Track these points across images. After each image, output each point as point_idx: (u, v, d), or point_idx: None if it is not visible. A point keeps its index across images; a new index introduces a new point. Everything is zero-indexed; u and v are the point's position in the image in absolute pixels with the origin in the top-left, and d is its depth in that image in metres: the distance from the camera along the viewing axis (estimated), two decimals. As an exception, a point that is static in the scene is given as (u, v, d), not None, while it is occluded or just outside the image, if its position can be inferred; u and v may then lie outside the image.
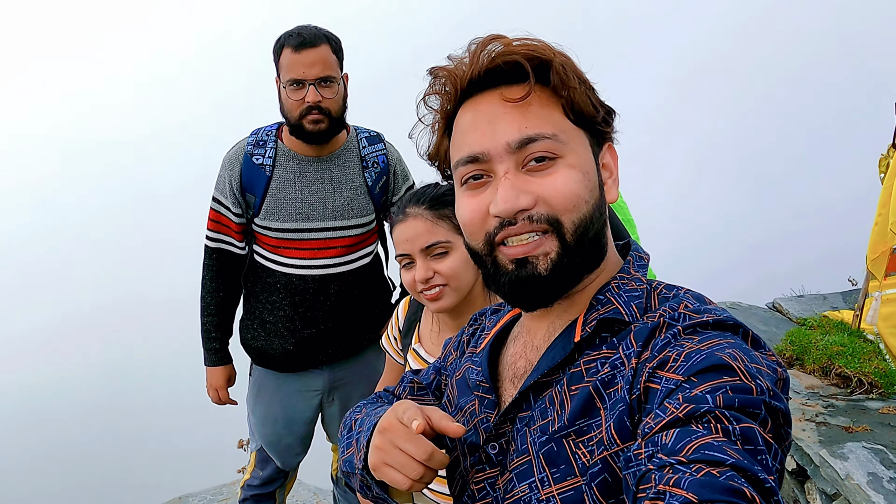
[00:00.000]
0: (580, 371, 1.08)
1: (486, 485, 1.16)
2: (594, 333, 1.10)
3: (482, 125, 1.09)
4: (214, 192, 2.96)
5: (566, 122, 1.09)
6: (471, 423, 1.23)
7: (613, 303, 1.11)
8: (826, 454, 3.22)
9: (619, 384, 1.02)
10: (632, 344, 1.04)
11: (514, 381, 1.20)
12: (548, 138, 1.06)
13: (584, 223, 1.07)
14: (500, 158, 1.07)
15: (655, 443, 0.86)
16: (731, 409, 0.86)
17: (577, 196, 1.07)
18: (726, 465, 0.78)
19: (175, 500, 5.11)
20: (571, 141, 1.09)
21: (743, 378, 0.89)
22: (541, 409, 1.10)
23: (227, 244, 2.98)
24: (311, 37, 2.69)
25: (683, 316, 1.04)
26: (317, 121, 2.74)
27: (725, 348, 0.94)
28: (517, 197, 1.05)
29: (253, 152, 2.87)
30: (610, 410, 1.01)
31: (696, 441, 0.82)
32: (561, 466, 1.03)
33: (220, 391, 3.17)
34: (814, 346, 4.07)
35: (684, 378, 0.92)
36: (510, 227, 1.07)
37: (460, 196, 1.15)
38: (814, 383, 3.90)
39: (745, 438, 0.83)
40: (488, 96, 1.10)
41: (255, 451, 3.30)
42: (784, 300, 5.00)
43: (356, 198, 2.92)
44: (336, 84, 2.75)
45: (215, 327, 3.08)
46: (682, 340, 0.99)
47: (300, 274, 2.93)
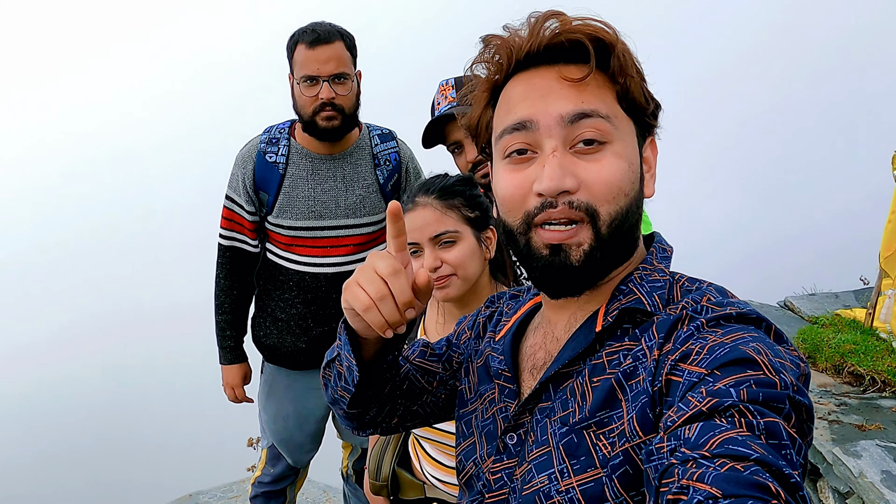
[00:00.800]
0: (602, 363, 1.07)
1: (504, 475, 1.15)
2: (616, 323, 1.09)
3: (534, 97, 1.06)
4: (227, 191, 2.96)
5: (618, 108, 1.07)
6: (490, 412, 1.23)
7: (636, 293, 1.10)
8: (839, 452, 3.20)
9: (641, 376, 1.01)
10: (654, 335, 1.03)
11: (534, 373, 1.19)
12: (602, 117, 1.04)
13: (620, 216, 1.06)
14: (549, 131, 1.05)
15: (678, 436, 0.85)
16: (756, 403, 0.85)
17: (618, 188, 1.05)
18: (750, 459, 0.77)
19: (185, 497, 5.13)
20: (622, 128, 1.07)
21: (767, 372, 0.88)
22: (561, 401, 1.09)
23: (241, 242, 2.99)
24: (325, 33, 2.69)
25: (706, 309, 1.03)
26: (330, 117, 2.74)
27: (749, 342, 0.93)
28: (563, 177, 1.03)
29: (266, 150, 2.88)
30: (632, 402, 1.00)
31: (719, 435, 0.81)
32: (581, 458, 1.03)
33: (237, 389, 3.18)
34: (826, 344, 4.05)
35: (707, 371, 0.91)
36: (551, 209, 1.04)
37: (500, 169, 1.11)
38: (826, 381, 3.88)
39: (769, 433, 0.82)
40: (544, 72, 1.07)
41: (266, 449, 3.31)
42: (796, 298, 4.97)
43: (368, 196, 2.92)
44: (350, 81, 2.75)
45: (229, 325, 3.09)
46: (705, 333, 0.98)
47: (312, 272, 2.93)
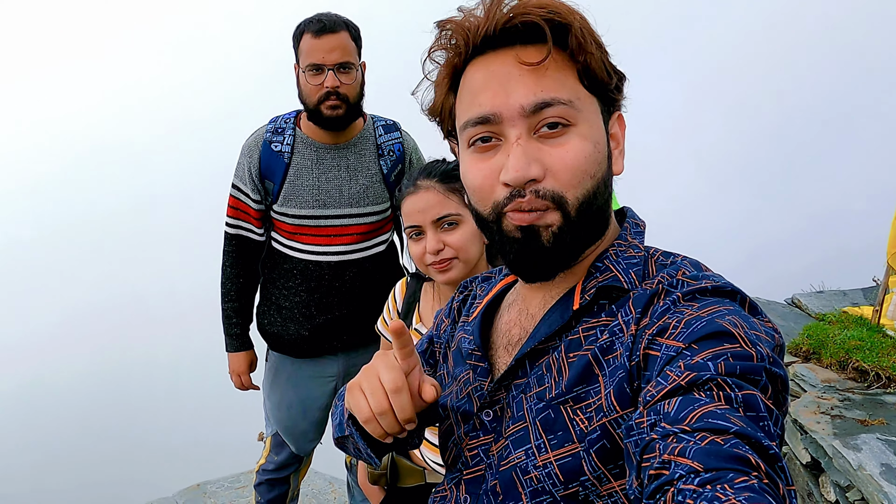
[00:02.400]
0: (578, 338, 1.07)
1: (480, 451, 1.16)
2: (592, 301, 1.09)
3: (494, 86, 1.04)
4: (234, 180, 3.00)
5: (581, 87, 1.05)
6: (464, 392, 1.23)
7: (612, 270, 1.10)
8: (839, 445, 3.21)
9: (618, 351, 1.02)
10: (630, 311, 1.04)
11: (509, 349, 1.19)
12: (563, 104, 1.03)
13: (587, 198, 1.05)
14: (512, 122, 1.03)
15: (658, 411, 0.86)
16: (733, 375, 0.86)
17: (583, 171, 1.04)
18: (730, 432, 0.78)
19: (194, 487, 5.17)
20: (585, 109, 1.06)
21: (743, 344, 0.89)
22: (537, 376, 1.09)
23: (246, 231, 3.03)
24: (330, 23, 2.72)
25: (682, 283, 1.04)
26: (334, 106, 2.77)
27: (725, 315, 0.94)
28: (528, 165, 1.02)
29: (271, 139, 2.91)
30: (609, 377, 1.01)
31: (699, 409, 0.82)
32: (558, 433, 1.03)
33: (243, 376, 3.22)
34: (831, 340, 4.05)
35: (685, 345, 0.92)
36: (520, 198, 1.03)
37: (466, 158, 1.11)
38: (830, 377, 3.88)
39: (747, 405, 0.83)
40: (502, 56, 1.05)
41: (270, 437, 3.34)
42: (803, 296, 4.97)
43: (372, 185, 2.95)
44: (354, 70, 2.78)
45: (235, 313, 3.13)
46: (682, 307, 0.98)
47: (316, 260, 2.97)
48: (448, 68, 1.11)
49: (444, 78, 1.13)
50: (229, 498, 4.99)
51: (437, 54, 1.11)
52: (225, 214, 3.04)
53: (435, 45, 1.11)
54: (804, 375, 3.88)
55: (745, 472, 0.74)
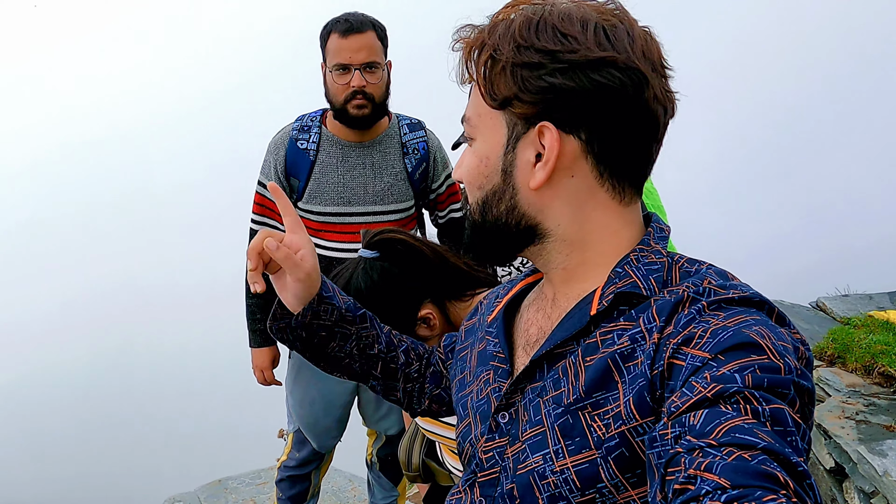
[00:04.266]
0: (595, 342, 1.06)
1: (495, 454, 1.16)
2: (610, 307, 1.08)
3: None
4: (260, 176, 3.03)
5: (483, 105, 1.11)
6: (484, 392, 1.23)
7: (632, 276, 1.08)
8: (864, 451, 3.18)
9: (639, 358, 1.00)
10: (654, 318, 1.02)
11: (527, 349, 1.20)
12: (467, 121, 1.16)
13: (481, 206, 1.16)
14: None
15: (683, 423, 0.85)
16: (760, 389, 0.84)
17: (469, 183, 1.17)
18: (758, 448, 0.77)
19: (215, 483, 5.21)
20: (482, 125, 1.13)
21: (771, 356, 0.88)
22: (553, 380, 1.09)
23: (272, 227, 3.05)
24: (357, 23, 2.75)
25: (708, 291, 1.02)
26: (361, 105, 2.79)
27: (752, 325, 0.92)
28: (457, 168, 1.20)
29: (298, 137, 2.94)
30: (629, 385, 1.00)
31: (726, 423, 0.80)
32: (576, 439, 1.03)
33: (266, 371, 3.24)
34: (857, 344, 4.01)
35: (711, 356, 0.90)
36: None
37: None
38: (855, 381, 3.84)
39: (774, 420, 0.81)
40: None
41: (292, 433, 3.36)
42: (828, 299, 4.91)
43: (396, 183, 2.97)
44: (380, 70, 2.80)
45: (259, 308, 3.14)
46: (708, 316, 0.97)
47: (340, 258, 2.98)
48: None
49: None
50: (250, 494, 5.03)
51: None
52: (250, 211, 3.07)
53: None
54: (829, 380, 3.85)
55: (773, 489, 0.73)
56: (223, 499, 5.00)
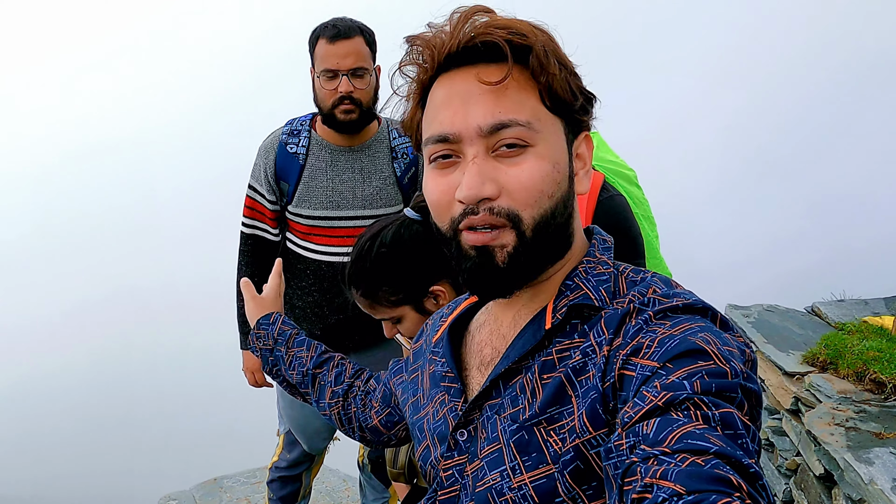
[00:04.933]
0: (552, 360, 1.07)
1: (455, 471, 1.16)
2: (564, 320, 1.09)
3: (455, 104, 1.05)
4: (250, 180, 3.04)
5: (542, 108, 1.06)
6: (440, 413, 1.23)
7: (583, 287, 1.10)
8: (851, 458, 3.18)
9: (590, 372, 1.02)
10: (603, 331, 1.04)
11: (482, 369, 1.20)
12: (521, 125, 1.03)
13: (544, 218, 1.05)
14: (470, 141, 1.04)
15: (636, 433, 0.86)
16: (709, 394, 0.86)
17: (539, 191, 1.04)
18: (710, 453, 0.78)
19: (210, 481, 5.24)
20: (545, 129, 1.05)
21: (718, 362, 0.90)
22: (511, 397, 1.10)
23: (262, 230, 3.07)
24: (345, 28, 2.75)
25: (653, 301, 1.03)
26: (348, 111, 2.79)
27: (697, 332, 0.94)
28: (482, 184, 1.03)
29: (287, 141, 2.95)
30: (582, 398, 1.01)
31: (678, 430, 0.82)
32: (532, 454, 1.04)
33: (256, 374, 3.25)
34: (849, 350, 4.00)
35: (659, 364, 0.92)
36: (473, 216, 1.04)
37: (428, 174, 1.12)
38: (846, 388, 3.83)
39: (724, 423, 0.83)
40: (464, 73, 1.06)
41: (283, 434, 3.38)
42: (823, 304, 4.91)
43: (385, 188, 2.98)
44: (368, 75, 2.81)
45: None
46: (654, 326, 0.99)
47: (329, 261, 3.00)
48: (417, 83, 1.13)
49: (414, 93, 1.14)
50: (245, 492, 5.05)
51: (408, 69, 1.13)
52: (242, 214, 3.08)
53: (404, 59, 1.12)
54: (820, 386, 3.85)
55: (727, 493, 0.74)
56: (218, 497, 5.03)
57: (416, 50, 1.10)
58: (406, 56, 1.11)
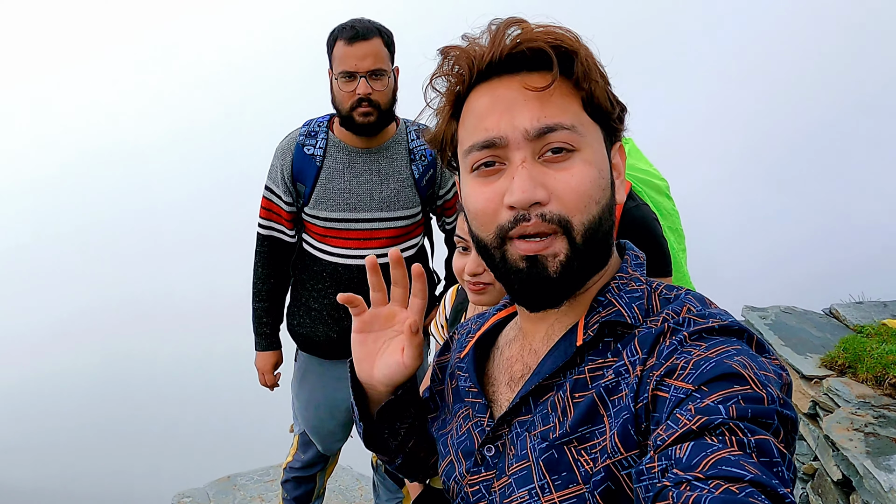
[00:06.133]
0: (585, 378, 1.05)
1: (482, 487, 1.15)
2: (597, 337, 1.07)
3: (500, 110, 1.04)
4: (267, 181, 3.03)
5: (584, 115, 1.05)
6: (464, 428, 1.22)
7: (615, 304, 1.08)
8: (870, 465, 3.14)
9: (623, 392, 1.00)
10: (636, 350, 1.02)
11: (511, 385, 1.18)
12: (567, 129, 1.02)
13: (593, 224, 1.04)
14: (517, 145, 1.03)
15: (669, 456, 0.85)
16: (745, 420, 0.84)
17: (589, 196, 1.03)
18: (745, 480, 0.77)
19: (224, 479, 5.25)
20: (588, 135, 1.05)
21: (754, 386, 0.88)
22: (542, 415, 1.08)
23: (278, 232, 3.06)
24: (363, 30, 2.73)
25: (688, 321, 1.01)
26: (366, 113, 2.78)
27: (734, 355, 0.92)
28: (534, 188, 1.01)
29: (304, 142, 2.94)
30: (614, 419, 0.99)
31: (712, 456, 0.81)
32: (563, 473, 1.02)
33: (267, 375, 3.26)
34: (868, 354, 3.96)
35: (694, 387, 0.90)
36: (525, 223, 1.02)
37: (469, 183, 1.09)
38: (865, 392, 3.80)
39: (760, 451, 0.82)
40: (507, 81, 1.05)
41: (297, 435, 3.38)
42: (841, 306, 4.86)
43: (402, 190, 2.96)
44: (387, 77, 2.79)
45: (266, 312, 3.17)
46: (689, 347, 0.97)
47: (346, 263, 2.99)
48: (450, 95, 1.11)
49: (447, 105, 1.12)
50: (258, 491, 5.06)
51: (438, 82, 1.11)
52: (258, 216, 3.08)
53: (437, 71, 1.10)
54: (838, 390, 3.81)
55: None
56: (231, 495, 5.04)
57: (450, 61, 1.09)
58: (439, 68, 1.10)
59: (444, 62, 1.10)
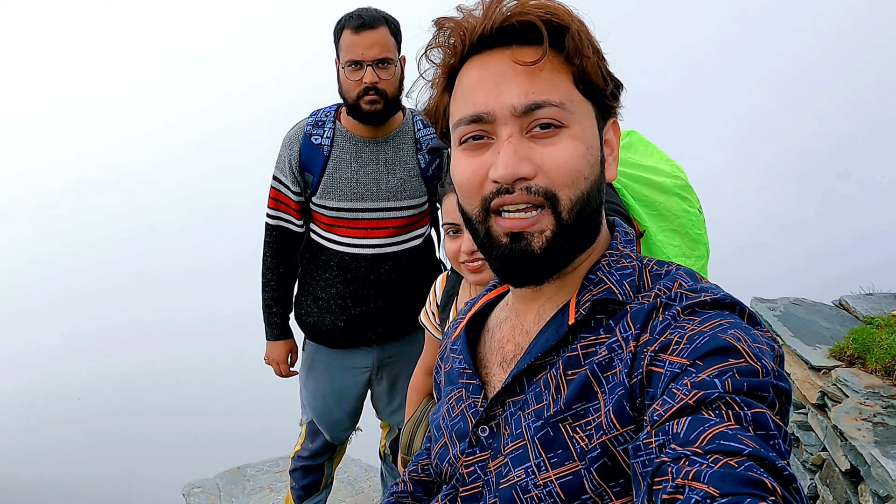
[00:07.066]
0: (577, 356, 1.06)
1: (477, 468, 1.14)
2: (589, 315, 1.07)
3: (489, 84, 1.04)
4: (275, 171, 3.05)
5: (575, 91, 1.05)
6: (457, 410, 1.22)
7: (606, 282, 1.08)
8: (878, 454, 3.13)
9: (617, 368, 1.00)
10: (629, 326, 1.02)
11: (503, 366, 1.18)
12: (554, 106, 1.02)
13: (581, 200, 1.04)
14: (504, 120, 1.03)
15: (666, 431, 0.85)
16: (741, 393, 0.85)
17: (577, 171, 1.03)
18: (743, 454, 0.77)
19: (234, 470, 5.29)
20: (578, 111, 1.05)
21: (748, 359, 0.88)
22: (535, 393, 1.08)
23: (286, 222, 3.07)
24: (370, 19, 2.74)
25: (680, 296, 1.02)
26: (373, 101, 2.79)
27: (727, 329, 0.93)
28: (518, 163, 1.01)
29: (312, 132, 2.95)
30: (609, 395, 1.00)
31: (710, 430, 0.81)
32: (558, 451, 1.02)
33: (281, 364, 3.27)
34: (878, 345, 3.94)
35: (689, 362, 0.91)
36: (507, 194, 1.02)
37: (458, 155, 1.09)
38: (874, 383, 3.78)
39: (756, 424, 0.82)
40: (497, 55, 1.05)
41: (305, 424, 3.39)
42: (851, 298, 4.82)
43: (409, 179, 2.97)
44: (393, 66, 2.79)
45: (275, 302, 3.18)
46: (682, 321, 0.97)
47: (353, 252, 3.00)
48: (444, 67, 1.11)
49: (441, 77, 1.12)
50: (268, 481, 5.09)
51: (433, 53, 1.11)
52: (266, 206, 3.09)
53: (432, 42, 1.10)
54: (847, 380, 3.79)
55: (762, 496, 0.74)
56: (241, 486, 5.07)
57: (445, 33, 1.08)
58: (434, 39, 1.10)
59: (438, 33, 1.09)
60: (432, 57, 1.11)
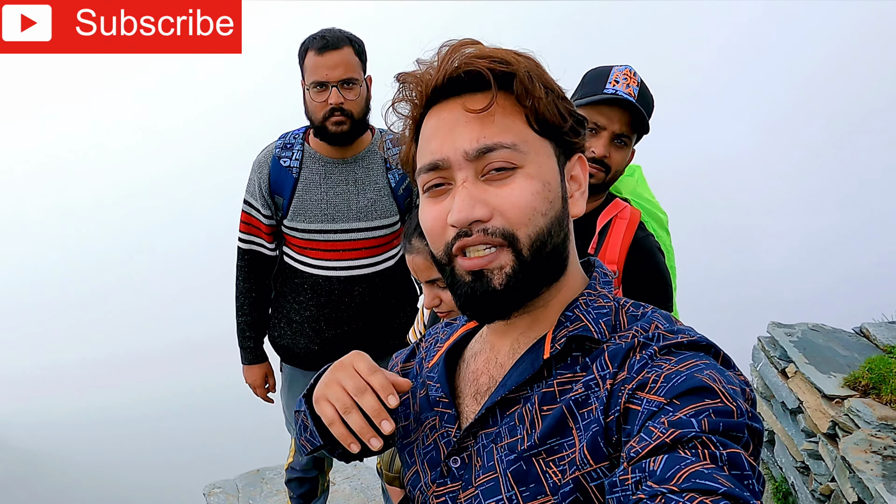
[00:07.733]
0: (553, 392, 1.07)
1: (448, 498, 1.16)
2: (564, 351, 1.08)
3: (443, 133, 1.08)
4: (245, 195, 3.04)
5: (529, 131, 1.08)
6: (430, 438, 1.23)
7: (582, 319, 1.10)
8: (882, 489, 3.01)
9: (593, 405, 1.01)
10: (606, 364, 1.04)
11: (477, 398, 1.19)
12: (506, 148, 1.05)
13: (540, 236, 1.06)
14: (459, 166, 1.06)
15: (643, 469, 0.86)
16: (717, 433, 0.86)
17: (532, 209, 1.05)
18: (718, 493, 0.79)
19: (253, 472, 5.38)
20: (532, 151, 1.07)
21: (724, 400, 0.90)
22: (509, 427, 1.09)
23: (258, 245, 3.07)
24: (334, 39, 2.72)
25: (658, 336, 1.04)
26: (339, 122, 2.77)
27: (703, 369, 0.94)
28: (472, 207, 1.04)
29: (280, 155, 2.94)
30: (583, 431, 1.01)
31: (685, 469, 0.82)
32: (531, 485, 1.03)
33: (258, 389, 3.29)
34: (894, 375, 3.75)
35: (666, 400, 0.92)
36: (466, 237, 1.06)
37: (423, 203, 1.14)
38: (888, 414, 3.60)
39: (732, 464, 0.84)
40: (451, 104, 1.09)
41: (294, 440, 3.41)
42: (872, 325, 4.58)
43: (380, 199, 2.94)
44: (358, 86, 2.77)
45: (249, 326, 3.18)
46: (660, 361, 0.99)
47: (326, 275, 2.99)
48: (411, 119, 1.15)
49: (408, 129, 1.17)
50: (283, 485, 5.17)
51: (400, 106, 1.15)
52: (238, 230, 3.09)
53: (397, 96, 1.14)
54: (859, 411, 3.63)
55: None
56: (259, 488, 5.16)
57: (407, 87, 1.13)
58: (397, 93, 1.14)
59: (401, 88, 1.14)
60: (399, 110, 1.15)
